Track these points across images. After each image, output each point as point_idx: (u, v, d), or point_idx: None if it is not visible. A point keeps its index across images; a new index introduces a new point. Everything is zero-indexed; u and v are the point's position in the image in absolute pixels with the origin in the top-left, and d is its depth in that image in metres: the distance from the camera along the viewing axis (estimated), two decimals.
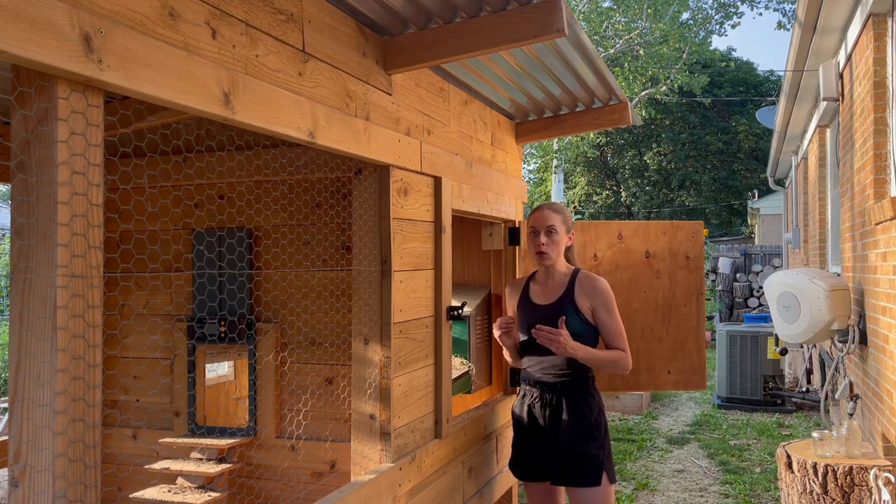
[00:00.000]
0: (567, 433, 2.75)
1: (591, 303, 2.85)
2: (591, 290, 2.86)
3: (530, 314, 2.91)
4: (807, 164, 8.73)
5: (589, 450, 2.74)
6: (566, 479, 2.74)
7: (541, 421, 2.83)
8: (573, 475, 2.72)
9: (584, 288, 2.87)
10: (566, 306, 2.86)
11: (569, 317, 2.82)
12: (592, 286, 2.87)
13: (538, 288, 2.97)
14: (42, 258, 1.37)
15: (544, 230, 2.87)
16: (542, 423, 2.82)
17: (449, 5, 2.40)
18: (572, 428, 2.75)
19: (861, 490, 3.47)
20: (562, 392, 2.81)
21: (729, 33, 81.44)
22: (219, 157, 3.25)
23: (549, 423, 2.80)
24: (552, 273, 2.95)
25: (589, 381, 2.87)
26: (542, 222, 2.87)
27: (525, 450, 2.87)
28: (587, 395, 2.84)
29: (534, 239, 2.89)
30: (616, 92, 3.77)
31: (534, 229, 2.89)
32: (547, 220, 2.87)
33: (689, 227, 3.78)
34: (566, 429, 2.76)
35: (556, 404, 2.80)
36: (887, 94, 3.84)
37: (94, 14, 1.43)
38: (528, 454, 2.85)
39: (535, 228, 2.89)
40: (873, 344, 3.96)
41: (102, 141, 1.46)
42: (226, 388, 3.80)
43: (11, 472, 1.39)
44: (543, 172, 21.22)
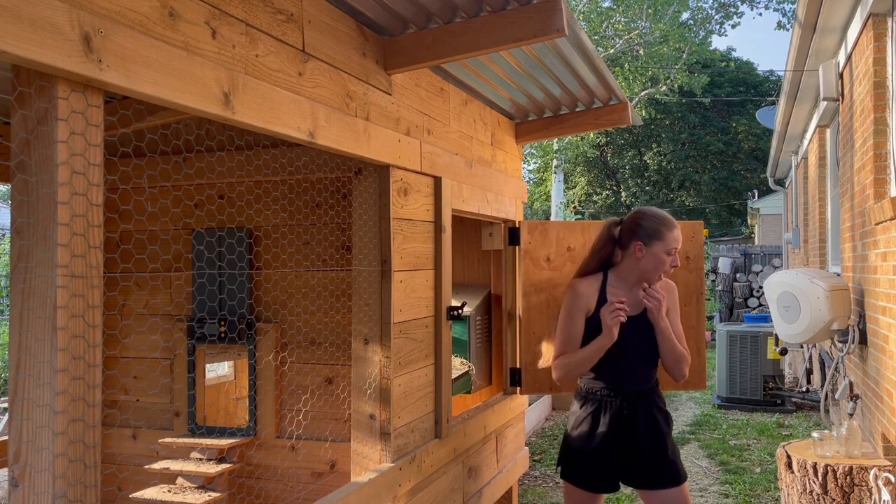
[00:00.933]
0: (659, 438, 2.72)
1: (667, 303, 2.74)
2: (668, 290, 2.79)
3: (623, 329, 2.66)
4: (807, 164, 8.73)
5: (675, 449, 2.76)
6: (661, 483, 2.69)
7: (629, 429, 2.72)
8: (667, 477, 2.69)
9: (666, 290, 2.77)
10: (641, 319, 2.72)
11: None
12: (668, 286, 2.79)
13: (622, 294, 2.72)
14: (42, 258, 1.37)
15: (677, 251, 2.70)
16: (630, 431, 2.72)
17: (449, 5, 2.40)
18: (662, 432, 2.73)
19: (861, 490, 3.47)
20: (647, 398, 2.73)
21: (729, 33, 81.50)
22: (219, 157, 3.25)
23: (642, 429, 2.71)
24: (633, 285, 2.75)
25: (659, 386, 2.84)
26: (679, 243, 2.70)
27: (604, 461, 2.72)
28: (662, 398, 2.82)
29: (669, 258, 2.66)
30: (616, 92, 3.77)
31: (674, 249, 2.67)
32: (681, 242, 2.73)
33: (689, 227, 3.78)
34: (657, 434, 2.72)
35: (644, 411, 2.72)
36: (887, 94, 3.84)
37: (93, 14, 1.43)
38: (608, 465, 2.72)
39: (676, 249, 2.68)
40: (873, 344, 3.96)
41: (102, 141, 1.46)
42: (226, 388, 3.81)
43: (11, 472, 1.39)
44: (543, 172, 21.22)
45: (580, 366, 2.69)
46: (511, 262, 4.00)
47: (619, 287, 2.73)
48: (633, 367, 2.73)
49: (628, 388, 2.73)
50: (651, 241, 2.65)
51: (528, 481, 5.22)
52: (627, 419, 2.72)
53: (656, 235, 2.66)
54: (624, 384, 2.73)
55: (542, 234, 3.77)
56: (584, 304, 2.71)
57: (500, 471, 3.78)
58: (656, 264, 2.66)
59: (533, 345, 3.74)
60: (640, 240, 2.67)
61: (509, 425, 3.95)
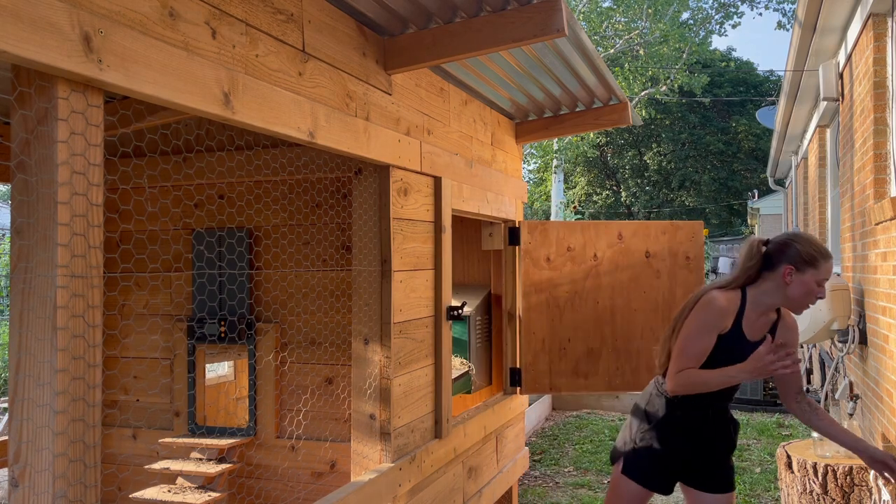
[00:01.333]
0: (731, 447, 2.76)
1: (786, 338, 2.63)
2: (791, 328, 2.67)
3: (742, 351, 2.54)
4: (807, 164, 8.73)
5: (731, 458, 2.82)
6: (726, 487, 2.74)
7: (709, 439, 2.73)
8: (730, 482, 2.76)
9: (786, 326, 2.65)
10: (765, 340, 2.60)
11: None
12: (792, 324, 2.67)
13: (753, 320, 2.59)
14: (42, 258, 1.37)
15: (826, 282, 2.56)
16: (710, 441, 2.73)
17: (449, 5, 2.40)
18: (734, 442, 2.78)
19: (861, 490, 3.47)
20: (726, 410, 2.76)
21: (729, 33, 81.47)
22: (219, 157, 3.25)
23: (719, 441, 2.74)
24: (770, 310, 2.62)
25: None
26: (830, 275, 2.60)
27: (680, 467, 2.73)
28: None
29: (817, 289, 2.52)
30: (616, 92, 3.77)
31: (824, 281, 2.53)
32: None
33: (689, 227, 3.78)
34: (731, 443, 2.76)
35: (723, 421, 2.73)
36: (887, 94, 3.84)
37: (94, 14, 1.43)
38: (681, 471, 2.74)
39: (826, 280, 2.53)
40: (873, 344, 3.96)
41: (102, 141, 1.46)
42: (226, 388, 3.81)
43: (11, 472, 1.39)
44: (543, 172, 21.22)
45: (705, 388, 2.55)
46: (511, 262, 4.00)
47: (755, 311, 2.57)
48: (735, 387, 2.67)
49: (718, 402, 2.69)
50: (804, 268, 2.48)
51: (528, 481, 5.22)
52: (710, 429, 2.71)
53: (811, 262, 2.48)
54: (717, 398, 2.67)
55: (542, 234, 3.77)
56: (721, 323, 2.54)
57: (500, 471, 3.78)
58: (805, 293, 2.49)
59: (533, 345, 3.74)
60: (792, 264, 2.49)
61: (509, 425, 3.95)
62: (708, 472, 2.74)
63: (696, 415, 2.67)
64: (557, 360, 3.88)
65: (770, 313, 2.58)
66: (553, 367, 3.83)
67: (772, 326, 2.60)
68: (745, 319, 2.54)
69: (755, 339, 2.56)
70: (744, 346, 2.52)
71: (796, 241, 2.54)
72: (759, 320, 2.57)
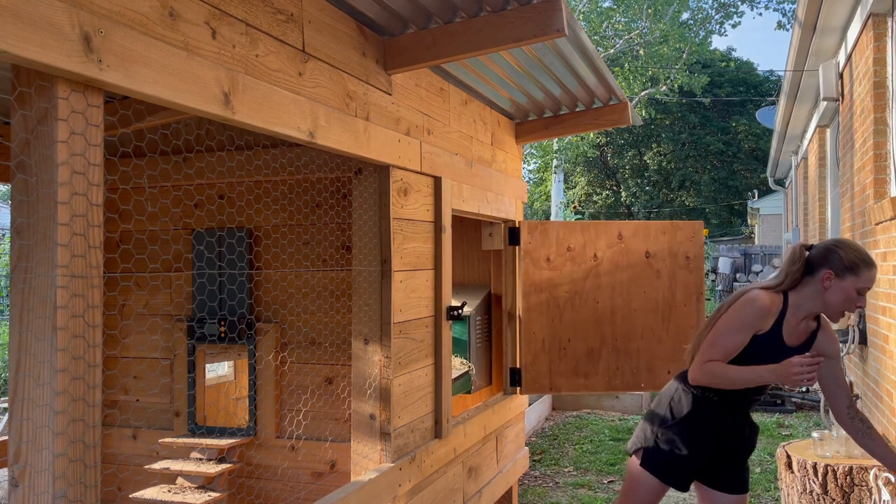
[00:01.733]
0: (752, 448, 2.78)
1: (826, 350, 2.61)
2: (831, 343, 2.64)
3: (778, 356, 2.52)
4: (807, 164, 8.73)
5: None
6: (743, 488, 2.75)
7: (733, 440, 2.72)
8: (746, 483, 2.77)
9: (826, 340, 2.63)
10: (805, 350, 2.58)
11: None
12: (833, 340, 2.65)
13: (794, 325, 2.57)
14: (42, 258, 1.37)
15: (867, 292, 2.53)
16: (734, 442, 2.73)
17: (449, 5, 2.40)
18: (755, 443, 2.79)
19: (861, 490, 3.47)
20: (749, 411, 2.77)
21: (729, 33, 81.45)
22: (219, 157, 3.25)
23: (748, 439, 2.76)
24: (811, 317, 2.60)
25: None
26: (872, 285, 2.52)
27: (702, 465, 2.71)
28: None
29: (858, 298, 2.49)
30: (616, 92, 3.77)
31: (865, 290, 2.49)
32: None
33: (689, 227, 3.78)
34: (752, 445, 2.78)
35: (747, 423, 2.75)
36: (887, 94, 3.84)
37: (94, 14, 1.43)
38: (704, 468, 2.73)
39: (867, 289, 2.50)
40: (873, 344, 3.96)
41: (102, 141, 1.46)
42: (226, 388, 3.81)
43: (11, 472, 1.39)
44: (543, 172, 21.21)
45: (728, 383, 2.54)
46: (511, 262, 4.00)
47: (795, 316, 2.55)
48: (761, 389, 2.66)
49: (747, 403, 2.70)
50: (845, 274, 2.45)
51: (528, 481, 5.22)
52: (734, 430, 2.71)
53: (852, 269, 2.45)
54: (744, 400, 2.67)
55: (542, 234, 3.77)
56: (760, 323, 2.52)
57: (500, 471, 3.78)
58: (844, 300, 2.46)
59: (533, 345, 3.74)
60: (832, 269, 2.46)
61: (509, 425, 3.95)
62: (725, 472, 2.74)
63: (722, 414, 2.64)
64: (557, 360, 3.88)
65: (810, 321, 2.55)
66: (553, 367, 3.83)
67: (811, 334, 2.57)
68: (785, 323, 2.51)
69: (793, 344, 2.54)
70: (781, 349, 2.50)
71: (840, 248, 2.50)
72: (799, 326, 2.54)
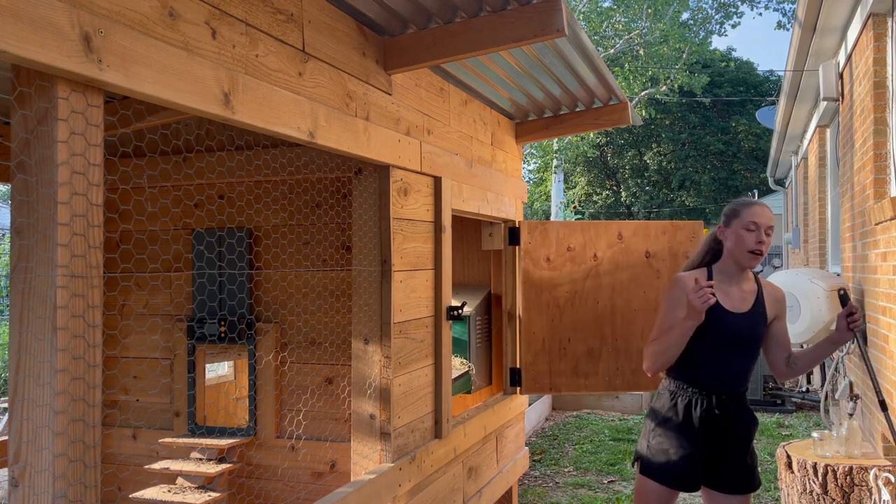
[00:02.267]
0: (745, 442, 2.69)
1: (777, 311, 2.70)
2: (780, 299, 2.73)
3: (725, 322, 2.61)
4: (807, 164, 8.73)
5: (754, 456, 2.72)
6: (742, 488, 2.66)
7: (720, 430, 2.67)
8: (747, 483, 2.67)
9: (773, 296, 2.71)
10: (759, 315, 2.65)
11: (761, 326, 2.65)
12: (778, 295, 2.73)
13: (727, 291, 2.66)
14: (42, 258, 1.37)
15: (765, 229, 2.59)
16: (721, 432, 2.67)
17: (449, 5, 2.40)
18: (747, 437, 2.70)
19: (861, 490, 3.47)
20: (740, 402, 2.69)
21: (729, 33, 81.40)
22: (219, 157, 3.25)
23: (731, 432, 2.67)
24: (744, 277, 2.68)
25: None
26: (765, 220, 2.60)
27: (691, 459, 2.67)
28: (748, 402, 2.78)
29: (751, 234, 2.59)
30: (616, 92, 3.77)
31: (754, 224, 2.59)
32: (770, 221, 2.61)
33: (689, 227, 3.78)
34: (743, 438, 2.68)
35: (737, 414, 2.67)
36: (887, 94, 3.84)
37: (94, 14, 1.43)
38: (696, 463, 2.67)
39: (757, 224, 2.58)
40: (873, 344, 3.96)
41: (102, 141, 1.46)
42: (226, 388, 3.81)
43: (11, 472, 1.39)
44: (543, 172, 21.21)
45: (668, 351, 2.62)
46: (511, 262, 4.00)
47: (725, 281, 2.66)
48: (730, 366, 2.64)
49: (722, 387, 2.65)
50: (730, 222, 2.65)
51: (528, 481, 5.22)
52: (720, 420, 2.66)
53: (734, 214, 2.64)
54: (718, 383, 2.65)
55: (542, 234, 3.77)
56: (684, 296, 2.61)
57: (500, 471, 3.78)
58: (737, 241, 2.60)
59: (533, 345, 3.74)
60: (721, 224, 2.69)
61: (509, 425, 3.95)
62: (722, 472, 2.68)
63: (700, 403, 2.65)
64: (557, 360, 3.88)
65: (745, 283, 2.67)
66: (553, 367, 3.83)
67: (757, 297, 2.66)
68: (717, 292, 2.63)
69: (740, 310, 2.63)
70: (726, 316, 2.60)
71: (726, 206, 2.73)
72: (735, 290, 2.66)
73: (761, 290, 2.68)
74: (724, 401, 2.66)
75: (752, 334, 2.62)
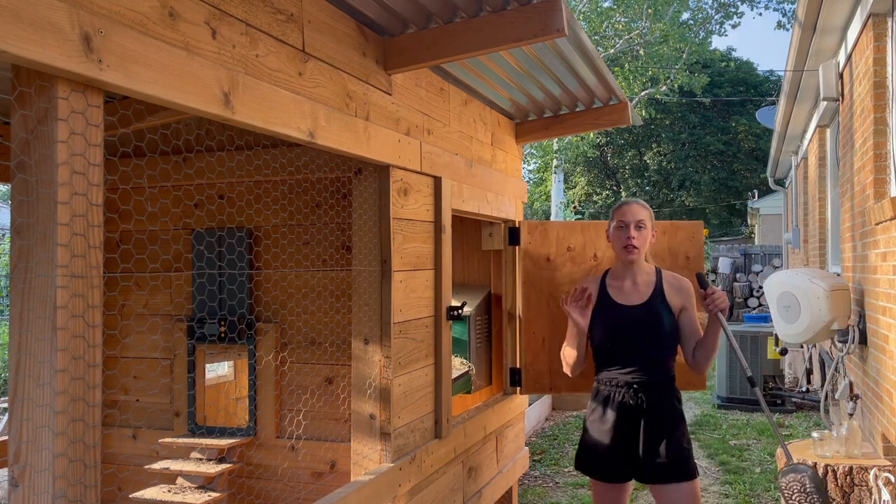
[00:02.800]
0: (668, 431, 2.72)
1: (683, 301, 2.81)
2: (683, 288, 2.84)
3: (618, 316, 2.80)
4: (807, 164, 8.73)
5: (685, 444, 2.74)
6: (668, 477, 2.69)
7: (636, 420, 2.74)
8: (675, 472, 2.69)
9: (675, 286, 2.83)
10: (658, 305, 2.78)
11: (663, 315, 2.76)
12: (683, 285, 2.85)
13: (619, 286, 2.85)
14: (42, 258, 1.37)
15: (634, 224, 2.78)
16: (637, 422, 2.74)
17: (449, 5, 2.40)
18: (671, 425, 2.73)
19: (861, 490, 3.47)
20: (657, 391, 2.75)
21: (729, 33, 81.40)
22: (219, 157, 3.25)
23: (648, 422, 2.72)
24: (637, 271, 2.85)
25: (675, 380, 2.85)
26: (631, 216, 2.80)
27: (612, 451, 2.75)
28: (676, 390, 2.84)
29: (621, 232, 2.81)
30: (616, 92, 3.77)
31: (622, 223, 2.80)
32: (637, 215, 2.80)
33: (689, 227, 3.78)
34: (666, 427, 2.72)
35: (654, 403, 2.73)
36: (887, 94, 3.84)
37: (94, 14, 1.43)
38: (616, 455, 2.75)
39: (624, 222, 2.80)
40: (873, 344, 3.96)
41: (102, 141, 1.46)
42: (226, 388, 3.81)
43: (11, 472, 1.39)
44: (543, 172, 21.20)
45: (570, 354, 2.86)
46: (511, 262, 4.00)
47: (618, 279, 2.87)
48: (635, 357, 2.76)
49: (634, 378, 2.76)
50: (609, 225, 2.90)
51: (528, 481, 5.22)
52: (633, 410, 2.74)
53: (610, 217, 2.90)
54: (629, 374, 2.76)
55: (542, 234, 3.77)
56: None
57: (500, 471, 3.78)
58: (613, 242, 2.86)
59: (533, 345, 3.74)
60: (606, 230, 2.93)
61: (509, 425, 3.95)
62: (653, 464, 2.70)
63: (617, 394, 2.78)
64: (557, 360, 3.87)
65: (641, 277, 2.84)
66: (553, 367, 3.82)
67: (655, 289, 2.81)
68: (609, 288, 2.85)
69: (631, 302, 2.80)
70: (620, 309, 2.80)
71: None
72: (629, 285, 2.83)
73: (660, 282, 2.83)
74: (637, 391, 2.75)
75: (649, 323, 2.75)
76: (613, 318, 2.80)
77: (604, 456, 2.77)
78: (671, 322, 2.78)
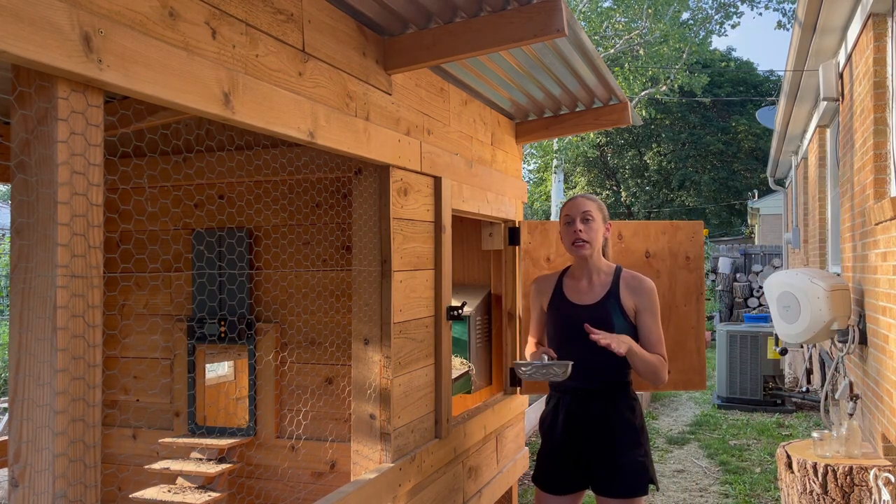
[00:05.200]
0: (615, 442, 2.59)
1: (637, 303, 2.66)
2: (639, 289, 2.68)
3: (569, 315, 2.67)
4: (807, 164, 8.73)
5: (636, 457, 2.59)
6: (613, 490, 2.57)
7: (583, 429, 2.63)
8: (622, 486, 2.57)
9: (631, 286, 2.68)
10: (611, 306, 2.64)
11: (614, 317, 2.62)
12: (640, 285, 2.69)
13: (575, 285, 2.74)
14: (42, 258, 1.37)
15: (580, 217, 2.66)
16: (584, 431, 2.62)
17: (449, 5, 2.40)
18: (620, 436, 2.59)
19: (861, 490, 3.47)
20: (605, 398, 2.62)
21: (729, 33, 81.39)
22: (219, 157, 3.25)
23: (594, 431, 2.61)
24: (593, 269, 2.72)
25: (630, 386, 2.70)
26: (576, 209, 2.68)
27: (561, 461, 2.65)
28: (631, 399, 2.67)
29: (569, 228, 2.68)
30: (616, 92, 3.77)
31: (568, 217, 2.68)
32: (582, 207, 2.68)
33: (689, 227, 3.78)
34: (614, 437, 2.59)
35: (601, 412, 2.61)
36: (887, 94, 3.84)
37: (93, 14, 1.43)
38: (565, 465, 2.65)
39: (570, 216, 2.68)
40: (873, 344, 3.96)
41: (102, 141, 1.46)
42: (226, 388, 3.81)
43: (11, 472, 1.39)
44: (543, 172, 21.21)
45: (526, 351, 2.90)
46: (511, 262, 4.00)
47: (574, 279, 2.80)
48: (585, 362, 2.61)
49: (578, 383, 2.64)
50: (559, 223, 2.81)
51: (527, 481, 5.22)
52: (580, 418, 2.64)
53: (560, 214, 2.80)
54: (576, 380, 2.62)
55: (542, 234, 3.77)
56: (539, 298, 2.87)
57: (500, 471, 3.78)
58: (563, 238, 2.77)
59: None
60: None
61: (509, 425, 3.95)
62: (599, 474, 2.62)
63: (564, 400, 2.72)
64: None
65: (597, 276, 2.74)
66: None
67: (609, 289, 2.70)
68: (565, 287, 2.78)
69: (587, 302, 2.71)
70: (573, 308, 2.72)
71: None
72: (584, 284, 2.75)
73: (617, 282, 2.71)
74: (585, 398, 2.64)
75: (599, 324, 2.58)
76: (563, 317, 2.69)
77: (550, 465, 2.68)
78: (623, 325, 2.63)
